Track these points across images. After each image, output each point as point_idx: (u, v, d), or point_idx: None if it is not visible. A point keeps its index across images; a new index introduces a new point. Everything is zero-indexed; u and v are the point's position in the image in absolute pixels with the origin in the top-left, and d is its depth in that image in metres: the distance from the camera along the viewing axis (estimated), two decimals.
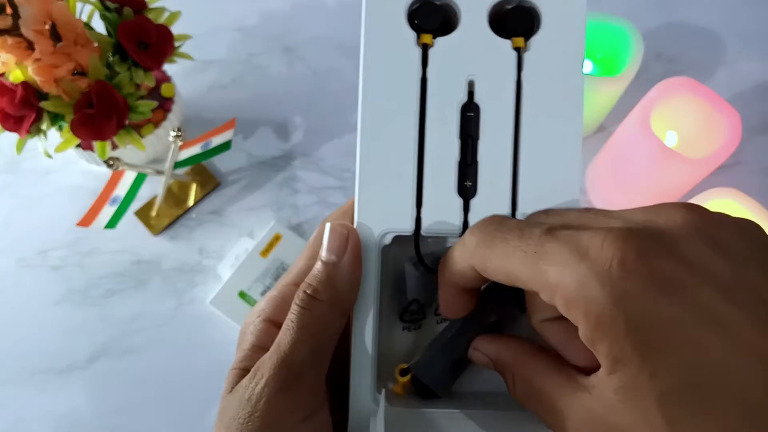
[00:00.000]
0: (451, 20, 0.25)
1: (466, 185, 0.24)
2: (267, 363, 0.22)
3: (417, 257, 0.25)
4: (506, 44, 0.24)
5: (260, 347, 0.24)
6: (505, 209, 0.24)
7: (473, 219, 0.24)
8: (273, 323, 0.24)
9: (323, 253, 0.24)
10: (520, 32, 0.24)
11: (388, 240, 0.24)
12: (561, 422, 0.18)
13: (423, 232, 0.24)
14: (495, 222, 0.21)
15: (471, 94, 0.24)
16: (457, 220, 0.24)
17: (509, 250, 0.19)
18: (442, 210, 0.24)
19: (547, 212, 0.22)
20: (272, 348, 0.23)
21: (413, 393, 0.26)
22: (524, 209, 0.24)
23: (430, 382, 0.25)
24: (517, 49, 0.24)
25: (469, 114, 0.24)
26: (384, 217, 0.24)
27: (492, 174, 0.24)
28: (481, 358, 0.23)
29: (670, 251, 0.16)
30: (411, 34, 0.24)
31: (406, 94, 0.24)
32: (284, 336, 0.23)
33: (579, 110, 0.24)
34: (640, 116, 0.45)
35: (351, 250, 0.23)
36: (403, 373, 0.25)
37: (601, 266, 0.16)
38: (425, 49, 0.24)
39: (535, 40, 0.24)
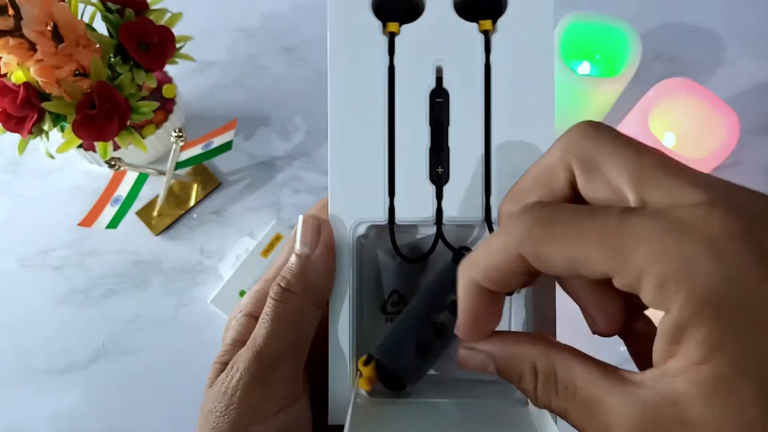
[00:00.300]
0: (417, 6, 0.25)
1: (438, 171, 0.24)
2: (243, 356, 0.23)
3: (392, 246, 0.25)
4: (473, 27, 0.24)
5: (240, 341, 0.24)
6: (478, 194, 0.24)
7: (446, 205, 0.24)
8: (254, 317, 0.25)
9: (297, 245, 0.24)
10: (487, 14, 0.24)
11: (362, 230, 0.24)
12: (602, 420, 0.17)
13: (397, 220, 0.24)
14: (546, 205, 0.18)
15: (439, 80, 0.24)
16: (430, 207, 0.24)
17: (579, 231, 0.16)
18: (415, 197, 0.24)
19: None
20: (248, 342, 0.23)
21: (381, 386, 0.25)
22: (498, 193, 0.24)
23: (393, 366, 0.24)
24: (485, 32, 0.24)
25: (438, 100, 0.24)
26: (357, 207, 0.24)
27: (464, 159, 0.24)
28: (478, 359, 0.21)
29: (762, 223, 0.15)
30: (376, 23, 0.24)
31: (374, 83, 0.24)
32: (259, 329, 0.23)
33: (550, 90, 0.24)
34: (638, 117, 0.45)
35: (323, 242, 0.24)
36: (367, 361, 0.24)
37: (711, 240, 0.14)
38: (392, 37, 0.24)
39: (503, 22, 0.24)
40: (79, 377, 0.50)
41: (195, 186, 0.56)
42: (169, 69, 0.56)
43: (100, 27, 0.46)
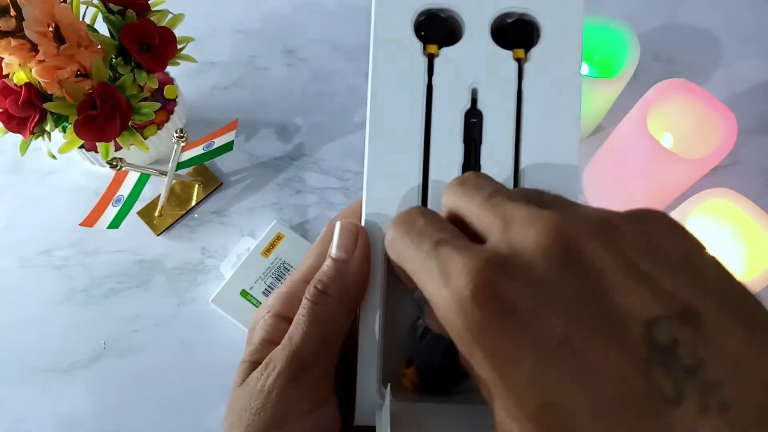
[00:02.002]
0: (456, 32, 0.26)
1: None
2: (279, 355, 0.23)
3: None
4: (507, 55, 0.26)
5: (270, 341, 0.25)
6: None
7: None
8: (282, 318, 0.25)
9: (333, 250, 0.24)
10: (520, 44, 0.26)
11: None
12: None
13: None
14: (407, 221, 0.21)
15: (474, 101, 0.26)
16: None
17: (412, 259, 0.20)
18: None
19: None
20: (284, 341, 0.23)
21: (421, 387, 0.26)
22: None
23: (432, 370, 0.25)
24: (518, 60, 0.26)
25: (472, 120, 0.26)
26: (391, 216, 0.25)
27: (494, 176, 0.25)
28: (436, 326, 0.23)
29: (520, 279, 0.16)
30: (417, 45, 0.26)
31: (413, 100, 0.25)
32: (295, 330, 0.23)
33: (576, 117, 0.25)
34: (637, 117, 0.45)
35: (360, 248, 0.24)
36: (408, 364, 0.26)
37: (457, 295, 0.17)
38: (431, 58, 0.26)
39: (535, 52, 0.26)
40: (80, 377, 0.50)
41: (196, 186, 0.56)
42: (171, 70, 0.56)
43: (102, 28, 0.46)
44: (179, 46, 0.48)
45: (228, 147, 0.52)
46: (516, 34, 0.26)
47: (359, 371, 0.25)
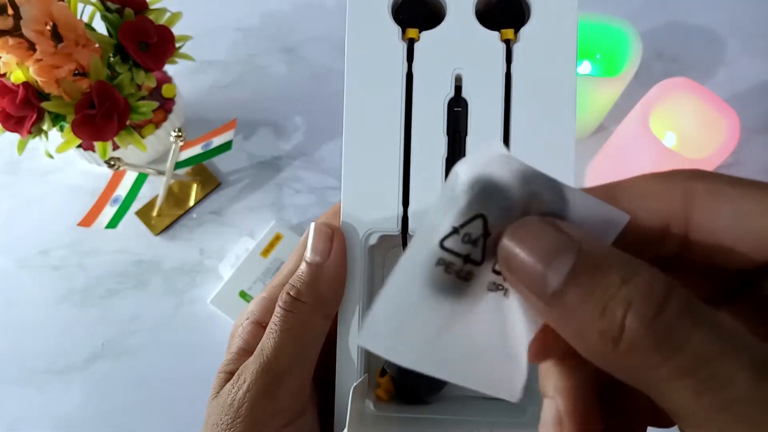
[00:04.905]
0: (437, 13, 0.24)
1: None
2: (250, 367, 0.22)
3: None
4: (494, 36, 0.24)
5: (247, 350, 0.24)
6: None
7: None
8: (261, 325, 0.24)
9: (308, 253, 0.23)
10: (509, 24, 0.24)
11: (374, 240, 0.24)
12: None
13: (410, 231, 0.24)
14: None
15: (458, 88, 0.24)
16: None
17: None
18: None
19: None
20: (255, 352, 0.23)
21: (397, 397, 0.25)
22: None
23: (405, 381, 0.24)
24: (506, 41, 0.24)
25: (456, 109, 0.24)
26: (369, 216, 0.23)
27: None
28: None
29: None
30: (395, 29, 0.24)
31: (392, 89, 0.24)
32: (267, 340, 0.22)
33: (571, 103, 0.23)
34: (639, 116, 0.45)
35: (336, 251, 0.23)
36: (382, 373, 0.24)
37: None
38: (411, 43, 0.24)
39: (525, 31, 0.24)
40: (78, 377, 0.50)
41: (194, 186, 0.55)
42: (169, 68, 0.56)
43: (100, 26, 0.46)
44: (177, 45, 0.48)
45: (227, 146, 0.52)
46: (504, 12, 0.24)
47: (338, 378, 0.24)
